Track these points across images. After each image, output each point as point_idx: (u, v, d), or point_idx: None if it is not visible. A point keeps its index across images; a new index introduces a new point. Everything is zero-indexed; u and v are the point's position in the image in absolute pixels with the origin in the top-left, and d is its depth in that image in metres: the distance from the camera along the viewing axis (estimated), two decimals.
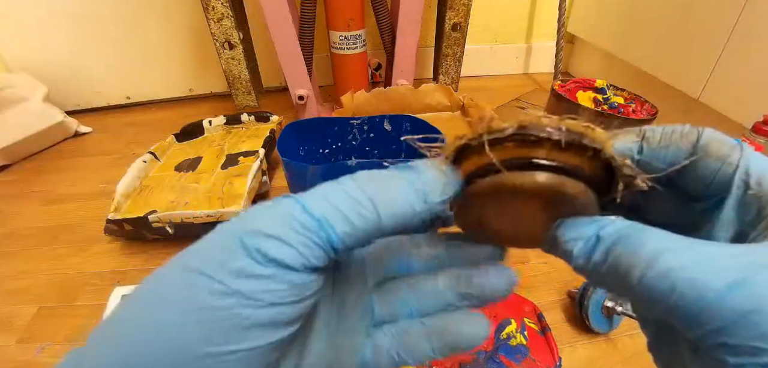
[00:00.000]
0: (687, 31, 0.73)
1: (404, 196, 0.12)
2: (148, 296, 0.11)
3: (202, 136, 0.81)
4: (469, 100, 0.83)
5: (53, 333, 0.48)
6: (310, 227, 0.11)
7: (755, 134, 0.52)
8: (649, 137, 0.14)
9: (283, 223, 0.11)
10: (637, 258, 0.11)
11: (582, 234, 0.13)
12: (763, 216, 0.12)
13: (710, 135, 0.13)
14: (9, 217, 0.68)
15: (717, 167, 0.12)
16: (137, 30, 0.98)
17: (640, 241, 0.11)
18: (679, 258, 0.10)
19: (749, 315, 0.09)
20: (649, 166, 0.14)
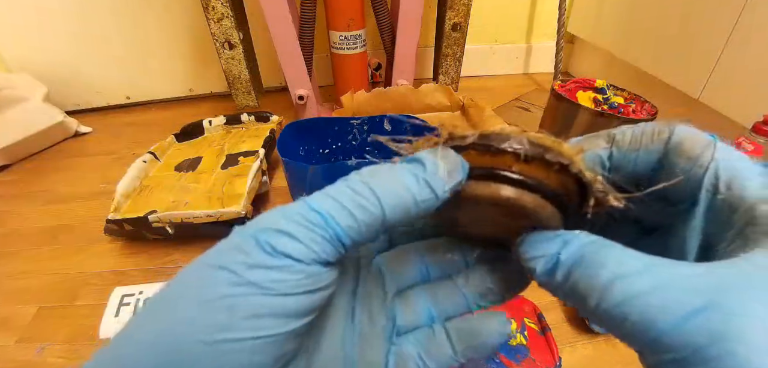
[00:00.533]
0: (687, 31, 0.73)
1: (407, 187, 0.12)
2: (170, 292, 0.12)
3: (202, 136, 0.81)
4: (469, 100, 0.83)
5: (53, 333, 0.48)
6: (315, 222, 0.12)
7: (755, 134, 0.52)
8: (619, 140, 0.14)
9: (292, 220, 0.12)
10: (593, 285, 0.11)
11: (543, 252, 0.12)
12: (732, 223, 0.11)
13: (682, 133, 0.12)
14: (9, 217, 0.68)
15: (688, 169, 0.12)
16: (137, 30, 0.98)
17: (597, 264, 0.11)
18: (634, 286, 0.10)
19: (705, 349, 0.09)
20: (622, 170, 0.14)
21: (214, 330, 0.11)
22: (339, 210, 0.12)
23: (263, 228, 0.12)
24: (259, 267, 0.11)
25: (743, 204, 0.11)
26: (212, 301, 0.11)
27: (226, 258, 0.12)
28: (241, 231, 0.12)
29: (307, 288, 0.12)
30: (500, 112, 0.87)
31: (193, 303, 0.11)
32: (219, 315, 0.11)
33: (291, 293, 0.12)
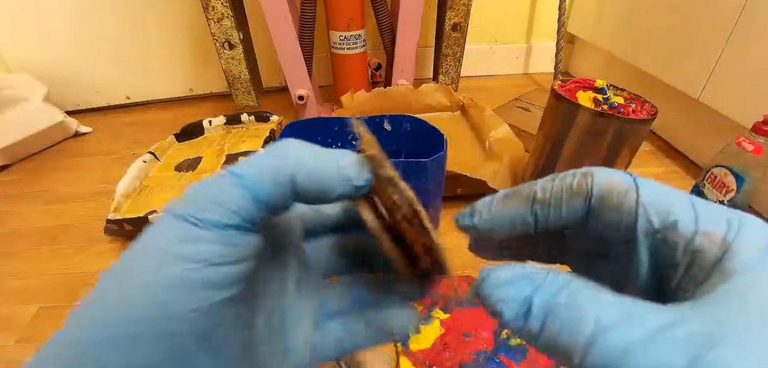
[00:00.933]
0: (687, 31, 0.73)
1: (325, 165, 0.14)
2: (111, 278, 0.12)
3: (202, 136, 0.81)
4: (469, 100, 0.83)
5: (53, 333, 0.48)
6: (236, 187, 0.12)
7: (755, 134, 0.52)
8: (539, 198, 0.13)
9: (214, 188, 0.12)
10: (574, 340, 0.10)
11: (512, 295, 0.11)
12: (676, 259, 0.11)
13: (602, 182, 0.12)
14: (9, 217, 0.68)
15: (618, 217, 0.12)
16: (137, 30, 0.98)
17: (575, 316, 0.10)
18: (619, 340, 0.09)
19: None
20: (550, 225, 0.13)
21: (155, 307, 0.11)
22: (260, 175, 0.13)
23: (187, 202, 0.12)
24: (188, 241, 0.12)
25: (681, 241, 0.11)
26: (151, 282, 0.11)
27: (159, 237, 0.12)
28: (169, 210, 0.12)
29: (235, 257, 0.12)
30: (500, 112, 0.87)
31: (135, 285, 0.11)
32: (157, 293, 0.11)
33: (220, 262, 0.12)
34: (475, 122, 0.79)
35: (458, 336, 0.43)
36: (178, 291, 0.11)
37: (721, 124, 0.69)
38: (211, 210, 0.12)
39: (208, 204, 0.12)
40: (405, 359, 0.41)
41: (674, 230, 0.11)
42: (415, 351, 0.42)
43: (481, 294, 0.12)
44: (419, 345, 0.43)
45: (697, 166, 0.76)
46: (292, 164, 0.13)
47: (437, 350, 0.42)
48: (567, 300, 0.10)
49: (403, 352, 0.42)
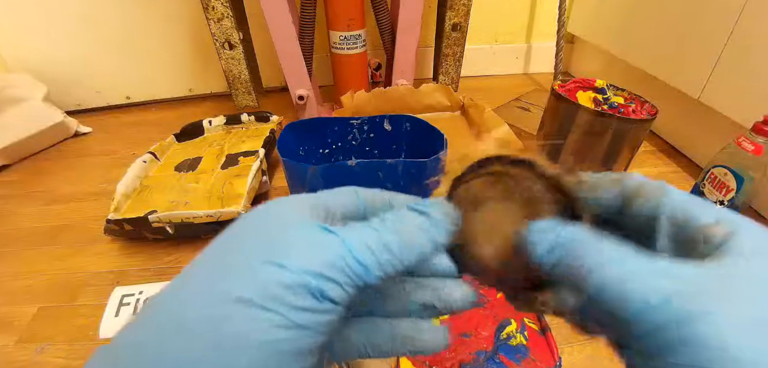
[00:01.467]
0: (687, 31, 0.73)
1: (422, 244, 0.15)
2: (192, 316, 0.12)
3: (202, 136, 0.81)
4: (469, 100, 0.83)
5: (53, 333, 0.48)
6: (357, 272, 0.13)
7: (755, 134, 0.52)
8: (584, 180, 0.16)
9: (337, 268, 0.13)
10: (579, 266, 0.13)
11: (544, 236, 0.14)
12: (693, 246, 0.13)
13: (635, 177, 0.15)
14: (9, 217, 0.68)
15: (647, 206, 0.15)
16: (137, 30, 0.98)
17: (583, 250, 0.13)
18: (615, 270, 0.12)
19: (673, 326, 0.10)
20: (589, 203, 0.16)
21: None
22: (374, 263, 0.13)
23: (312, 271, 0.12)
24: (308, 311, 0.12)
25: (698, 229, 0.13)
26: (263, 345, 0.11)
27: (275, 299, 0.12)
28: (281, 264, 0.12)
29: (335, 322, 0.13)
30: (500, 112, 0.86)
31: (242, 343, 0.11)
32: (267, 360, 0.11)
33: (324, 331, 0.13)
34: (475, 122, 0.79)
35: (458, 336, 0.43)
36: (284, 357, 0.12)
37: (721, 124, 0.69)
38: (331, 290, 0.12)
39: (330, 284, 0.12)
40: (405, 359, 0.41)
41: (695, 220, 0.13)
42: None
43: (521, 239, 0.15)
44: None
45: (697, 166, 0.76)
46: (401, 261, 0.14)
47: None
48: (580, 240, 0.13)
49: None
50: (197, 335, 0.11)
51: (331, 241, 0.13)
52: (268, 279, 0.12)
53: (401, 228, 0.15)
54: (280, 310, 0.12)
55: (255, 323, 0.11)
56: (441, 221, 0.16)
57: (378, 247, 0.14)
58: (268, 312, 0.12)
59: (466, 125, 0.82)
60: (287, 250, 0.13)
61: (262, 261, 0.12)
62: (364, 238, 0.14)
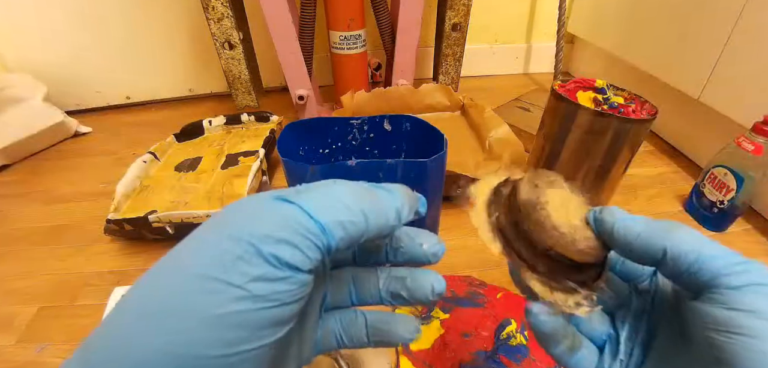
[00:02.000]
0: (687, 31, 0.73)
1: (386, 209, 0.15)
2: (154, 302, 0.12)
3: (202, 136, 0.81)
4: (469, 100, 0.83)
5: (53, 333, 0.48)
6: (315, 232, 0.13)
7: (755, 134, 0.52)
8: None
9: (294, 230, 0.12)
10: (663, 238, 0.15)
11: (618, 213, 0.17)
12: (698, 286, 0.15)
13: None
14: (9, 217, 0.68)
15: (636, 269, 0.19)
16: (137, 30, 0.98)
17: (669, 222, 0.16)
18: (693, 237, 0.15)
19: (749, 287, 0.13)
20: None
21: (223, 346, 0.11)
22: (335, 224, 0.13)
23: (264, 236, 0.12)
24: (264, 280, 0.12)
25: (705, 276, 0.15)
26: (221, 318, 0.11)
27: (229, 270, 0.11)
28: (234, 236, 0.12)
29: (300, 295, 0.13)
30: (500, 111, 0.86)
31: (199, 319, 0.11)
32: (228, 333, 0.11)
33: (288, 301, 0.12)
34: (475, 122, 0.79)
35: (458, 336, 0.43)
36: (246, 330, 0.11)
37: (721, 124, 0.68)
38: (287, 254, 0.12)
39: (284, 247, 0.12)
40: (405, 359, 0.41)
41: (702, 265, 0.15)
42: (415, 351, 0.42)
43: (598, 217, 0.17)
44: (419, 345, 0.43)
45: (697, 166, 0.76)
46: (363, 221, 0.14)
47: (437, 350, 0.42)
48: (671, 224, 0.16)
49: (403, 352, 0.42)
50: (159, 318, 0.11)
51: (285, 207, 0.13)
52: (222, 251, 0.12)
53: (365, 194, 0.15)
54: (235, 281, 0.11)
55: (213, 296, 0.11)
56: (404, 197, 0.16)
57: (339, 208, 0.13)
58: (223, 284, 0.11)
59: (466, 125, 0.82)
60: (242, 222, 0.12)
61: (218, 236, 0.12)
62: (323, 200, 0.13)
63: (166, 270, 0.12)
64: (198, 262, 0.12)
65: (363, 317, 0.19)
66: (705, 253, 0.14)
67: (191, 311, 0.11)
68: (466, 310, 0.46)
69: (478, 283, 0.50)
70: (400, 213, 0.16)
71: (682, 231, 0.15)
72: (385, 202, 0.15)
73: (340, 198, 0.14)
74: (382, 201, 0.15)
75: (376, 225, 0.15)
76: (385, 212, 0.15)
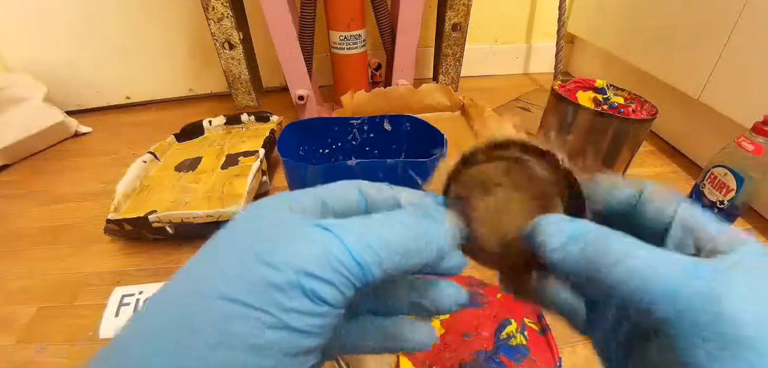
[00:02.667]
0: (687, 31, 0.73)
1: (427, 250, 0.14)
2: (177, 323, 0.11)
3: (202, 136, 0.81)
4: (469, 100, 0.83)
5: (53, 333, 0.48)
6: (354, 272, 0.12)
7: (755, 134, 0.52)
8: (599, 179, 0.16)
9: (334, 268, 0.12)
10: (604, 255, 0.13)
11: (561, 229, 0.14)
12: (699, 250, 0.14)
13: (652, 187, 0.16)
14: (9, 217, 0.68)
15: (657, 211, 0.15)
16: (137, 30, 0.98)
17: (606, 239, 0.13)
18: (640, 256, 0.12)
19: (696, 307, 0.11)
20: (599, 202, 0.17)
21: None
22: (375, 262, 0.13)
23: (306, 269, 0.12)
24: (301, 313, 0.11)
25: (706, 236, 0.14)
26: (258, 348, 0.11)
27: (267, 298, 0.11)
28: (275, 264, 0.12)
29: (331, 326, 0.13)
30: (500, 112, 0.86)
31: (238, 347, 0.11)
32: (263, 361, 0.11)
33: (319, 333, 0.12)
34: (475, 122, 0.79)
35: (458, 336, 0.43)
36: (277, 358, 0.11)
37: (721, 124, 0.68)
38: (327, 292, 0.12)
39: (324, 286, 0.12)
40: (405, 359, 0.41)
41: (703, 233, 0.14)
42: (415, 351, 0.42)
43: (533, 231, 0.15)
44: None
45: (697, 166, 0.76)
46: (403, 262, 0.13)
47: (437, 350, 0.42)
48: (600, 231, 0.14)
49: (403, 352, 0.42)
50: (186, 335, 0.11)
51: (325, 238, 0.12)
52: (259, 278, 0.12)
53: (406, 230, 0.14)
54: (271, 311, 0.11)
55: (246, 323, 0.11)
56: (449, 230, 0.15)
57: (379, 245, 0.13)
58: (258, 311, 0.11)
59: (466, 125, 0.82)
60: (277, 248, 0.12)
61: (254, 259, 0.12)
62: (364, 234, 0.13)
63: (192, 280, 0.12)
64: (231, 285, 0.12)
65: (377, 324, 0.18)
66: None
67: (224, 334, 0.11)
68: (466, 310, 0.46)
69: (478, 283, 0.50)
70: (444, 252, 0.15)
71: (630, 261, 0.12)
72: (429, 241, 0.14)
73: (382, 235, 0.13)
74: (426, 238, 0.14)
75: (417, 264, 0.14)
76: (428, 252, 0.14)
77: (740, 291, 0.11)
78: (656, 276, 0.12)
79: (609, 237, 0.13)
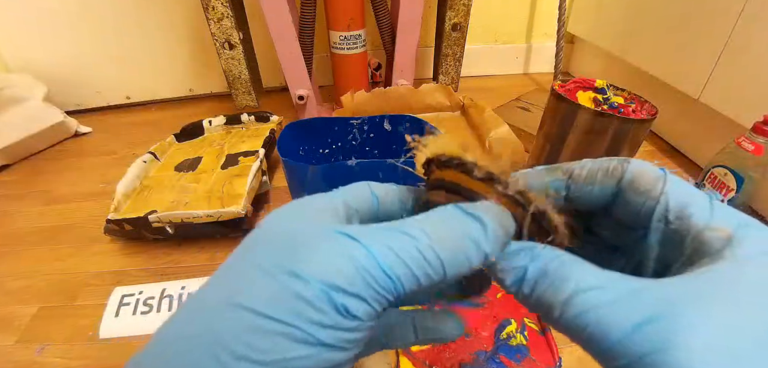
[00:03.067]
0: (687, 31, 0.73)
1: (469, 257, 0.13)
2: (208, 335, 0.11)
3: (202, 136, 0.81)
4: (469, 100, 0.83)
5: (53, 333, 0.48)
6: (385, 286, 0.12)
7: (755, 134, 0.52)
8: (576, 175, 0.15)
9: (365, 283, 0.12)
10: (556, 297, 0.12)
11: (514, 264, 0.13)
12: (683, 249, 0.12)
13: (635, 169, 0.14)
14: (9, 217, 0.68)
15: (641, 202, 0.13)
16: (137, 30, 0.98)
17: (560, 279, 0.12)
18: (590, 300, 0.11)
19: (648, 357, 0.10)
20: (579, 201, 0.15)
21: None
22: (407, 275, 0.12)
23: (335, 284, 0.11)
24: (331, 328, 0.11)
25: (691, 232, 0.12)
26: (287, 361, 0.11)
27: (298, 313, 0.11)
28: (304, 276, 0.11)
29: (365, 337, 0.12)
30: (500, 112, 0.86)
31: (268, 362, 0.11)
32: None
33: (352, 348, 0.12)
34: (475, 122, 0.79)
35: None
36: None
37: (721, 124, 0.68)
38: (359, 309, 0.11)
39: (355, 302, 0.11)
40: (405, 359, 0.41)
41: (687, 220, 0.12)
42: (415, 351, 0.42)
43: (491, 266, 0.13)
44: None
45: (697, 166, 0.76)
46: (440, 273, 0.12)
47: (437, 350, 0.42)
48: (555, 268, 0.12)
49: (403, 352, 0.42)
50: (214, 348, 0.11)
51: (355, 251, 0.12)
52: (288, 291, 0.11)
53: (444, 235, 0.12)
54: (301, 325, 0.11)
55: (273, 339, 0.11)
56: (495, 230, 0.13)
57: (412, 257, 0.12)
58: (287, 326, 0.11)
59: (466, 125, 0.82)
60: (308, 260, 0.12)
61: (282, 270, 0.12)
62: (395, 247, 0.12)
63: (220, 290, 0.12)
64: (259, 297, 0.11)
65: (409, 319, 0.18)
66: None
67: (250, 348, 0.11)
68: (466, 310, 0.46)
69: None
70: (488, 256, 0.13)
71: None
72: (473, 247, 0.13)
73: (416, 246, 0.12)
74: (468, 241, 0.13)
75: (457, 272, 0.13)
76: (469, 259, 0.13)
77: (698, 338, 0.09)
78: (609, 321, 0.10)
79: (558, 272, 0.12)
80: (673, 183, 0.13)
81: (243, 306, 0.11)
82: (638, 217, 0.14)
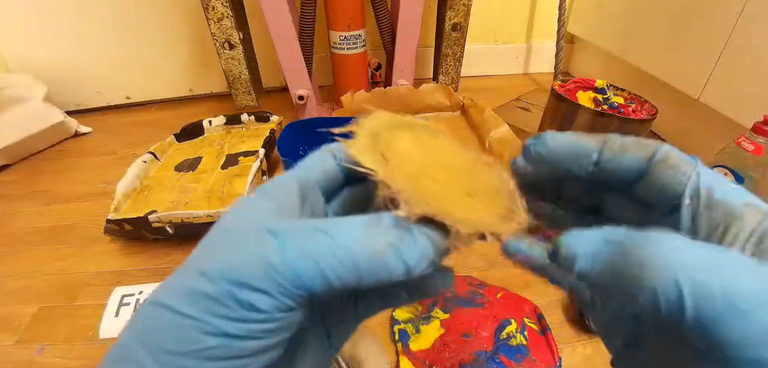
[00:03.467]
0: (687, 31, 0.73)
1: (390, 267, 0.12)
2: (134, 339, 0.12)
3: (202, 136, 0.81)
4: (469, 100, 0.83)
5: (53, 333, 0.48)
6: (295, 283, 0.12)
7: (755, 134, 0.52)
8: (610, 142, 0.15)
9: (271, 278, 0.12)
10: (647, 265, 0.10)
11: (588, 238, 0.12)
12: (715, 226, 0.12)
13: (668, 149, 0.14)
14: (9, 217, 0.68)
15: (672, 176, 0.13)
16: (137, 30, 0.98)
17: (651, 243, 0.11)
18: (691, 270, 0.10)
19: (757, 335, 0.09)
20: (607, 169, 0.15)
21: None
22: (319, 278, 0.12)
23: (240, 281, 0.12)
24: (238, 321, 0.12)
25: (726, 208, 0.12)
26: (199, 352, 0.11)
27: (201, 307, 0.12)
28: (212, 277, 0.12)
29: (273, 330, 0.12)
30: (500, 112, 0.86)
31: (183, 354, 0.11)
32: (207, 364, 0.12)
33: (260, 337, 0.12)
34: (475, 122, 0.79)
35: (458, 336, 0.43)
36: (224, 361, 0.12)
37: (721, 124, 0.69)
38: (264, 303, 0.12)
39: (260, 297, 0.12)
40: (405, 359, 0.42)
41: (722, 198, 0.12)
42: (415, 351, 0.42)
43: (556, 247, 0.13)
44: (419, 345, 0.43)
45: None
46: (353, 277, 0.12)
47: (437, 350, 0.42)
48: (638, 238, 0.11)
49: (403, 352, 0.42)
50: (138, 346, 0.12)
51: (268, 248, 0.12)
52: (197, 289, 0.12)
53: (364, 241, 0.12)
54: (205, 318, 0.11)
55: (187, 332, 0.11)
56: (424, 245, 0.13)
57: (325, 259, 0.12)
58: (195, 321, 0.11)
59: (467, 125, 0.82)
60: (220, 259, 0.12)
61: (196, 270, 0.12)
62: (309, 247, 0.12)
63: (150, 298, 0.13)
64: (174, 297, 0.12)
65: None
66: None
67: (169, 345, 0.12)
68: (466, 310, 0.46)
69: (478, 283, 0.50)
70: (413, 271, 0.13)
71: None
72: (395, 257, 0.12)
73: (331, 248, 0.12)
74: (390, 251, 0.12)
75: (373, 281, 0.12)
76: (390, 270, 0.12)
77: None
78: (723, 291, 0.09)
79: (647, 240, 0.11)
80: (704, 168, 0.13)
81: (161, 305, 0.12)
82: (666, 193, 0.13)
